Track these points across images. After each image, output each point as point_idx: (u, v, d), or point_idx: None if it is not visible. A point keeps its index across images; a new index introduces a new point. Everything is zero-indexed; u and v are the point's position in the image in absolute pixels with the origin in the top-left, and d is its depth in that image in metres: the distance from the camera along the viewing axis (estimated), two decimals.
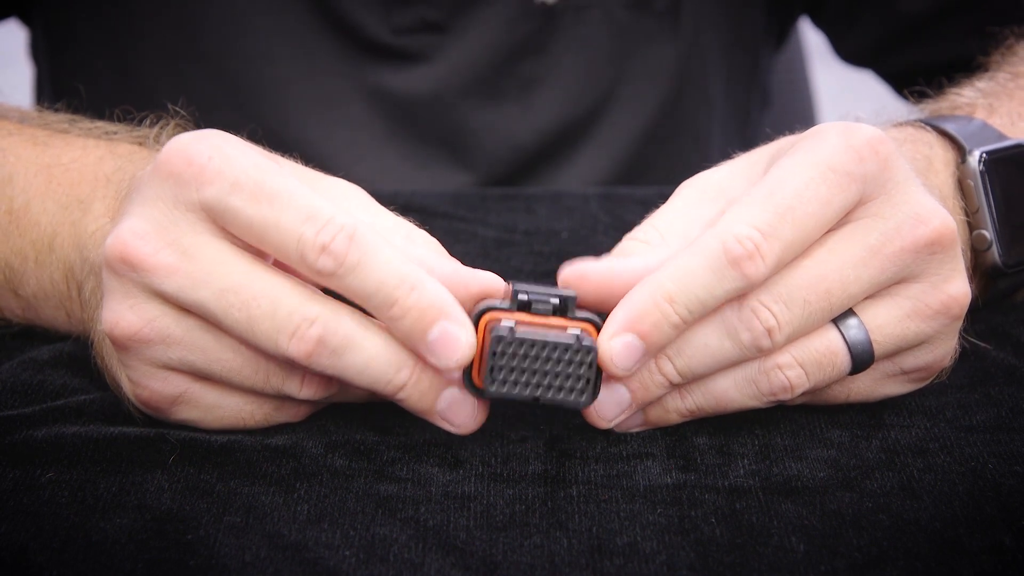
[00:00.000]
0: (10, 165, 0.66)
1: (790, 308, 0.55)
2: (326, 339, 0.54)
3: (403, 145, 0.95)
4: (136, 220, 0.55)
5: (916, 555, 0.52)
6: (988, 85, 0.75)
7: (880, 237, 0.56)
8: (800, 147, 0.57)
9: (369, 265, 0.53)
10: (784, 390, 0.57)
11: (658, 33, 0.95)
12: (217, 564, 0.52)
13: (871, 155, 0.56)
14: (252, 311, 0.54)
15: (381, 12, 0.91)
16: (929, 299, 0.57)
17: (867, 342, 0.57)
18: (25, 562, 0.52)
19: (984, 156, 0.66)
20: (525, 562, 0.52)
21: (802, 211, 0.55)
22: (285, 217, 0.53)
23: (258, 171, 0.54)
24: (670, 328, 0.55)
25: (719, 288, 0.54)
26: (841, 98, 0.74)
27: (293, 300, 0.54)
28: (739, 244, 0.54)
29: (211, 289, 0.54)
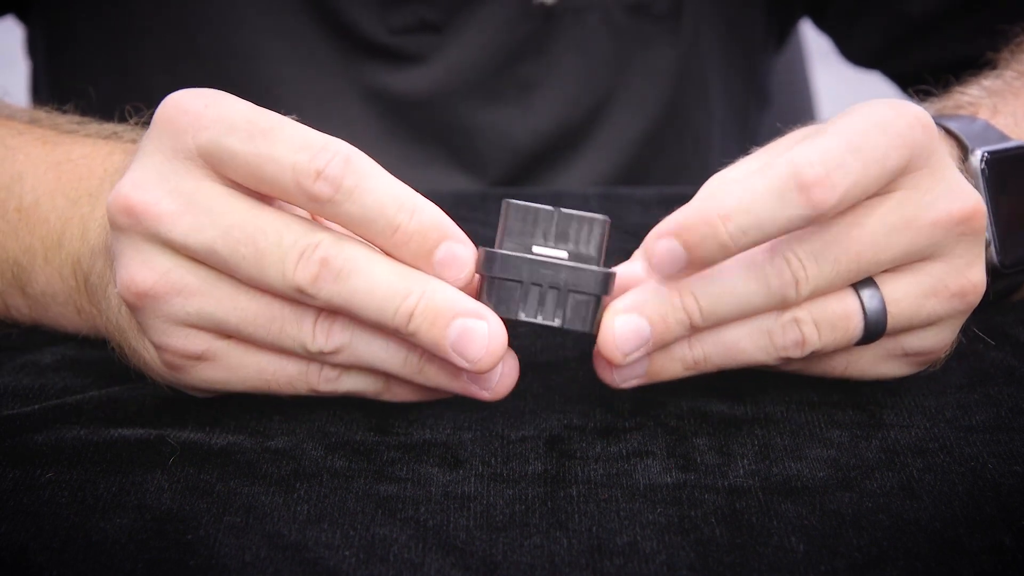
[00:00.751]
0: (20, 163, 0.66)
1: (819, 264, 0.55)
2: (330, 261, 0.54)
3: (400, 145, 0.95)
4: (135, 172, 0.55)
5: (916, 555, 0.52)
6: (994, 83, 0.75)
7: (916, 209, 0.56)
8: (849, 112, 0.56)
9: (367, 189, 0.53)
10: (796, 345, 0.57)
11: (658, 36, 0.95)
12: (217, 564, 0.52)
13: (920, 127, 0.56)
14: (259, 244, 0.54)
15: (378, 12, 0.91)
16: (949, 280, 0.58)
17: (883, 312, 0.57)
18: (25, 562, 0.52)
19: (986, 156, 0.66)
20: (525, 562, 0.52)
21: (869, 153, 0.54)
22: (279, 149, 0.53)
23: (252, 112, 0.54)
24: (717, 246, 0.53)
25: (782, 212, 0.53)
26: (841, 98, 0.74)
27: (297, 229, 0.54)
28: (811, 167, 0.53)
29: (217, 229, 0.54)
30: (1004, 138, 0.68)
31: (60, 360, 0.65)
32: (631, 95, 0.96)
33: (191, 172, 0.55)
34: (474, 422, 0.61)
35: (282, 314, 0.56)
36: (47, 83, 1.01)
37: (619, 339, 0.56)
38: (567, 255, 0.56)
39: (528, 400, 0.62)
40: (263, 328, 0.56)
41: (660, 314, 0.56)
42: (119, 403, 0.61)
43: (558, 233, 0.56)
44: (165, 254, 0.55)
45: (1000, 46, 0.80)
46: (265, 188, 0.55)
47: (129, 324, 0.59)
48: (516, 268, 0.55)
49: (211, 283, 0.55)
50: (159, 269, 0.55)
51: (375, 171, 0.54)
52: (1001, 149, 0.66)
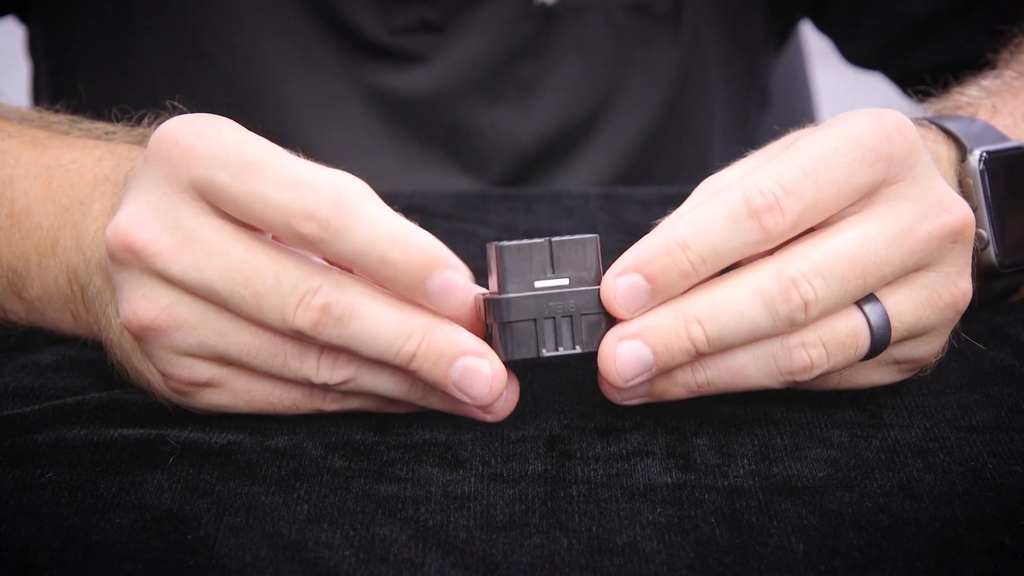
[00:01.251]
0: (10, 168, 0.66)
1: (828, 284, 0.55)
2: (330, 307, 0.53)
3: (401, 145, 0.95)
4: (133, 207, 0.55)
5: (916, 555, 0.52)
6: (993, 83, 0.75)
7: (910, 220, 0.56)
8: (829, 124, 0.57)
9: (356, 227, 0.53)
10: (804, 370, 0.57)
11: (658, 36, 0.95)
12: (217, 564, 0.52)
13: (899, 137, 0.56)
14: (257, 287, 0.54)
15: (379, 12, 0.91)
16: (942, 290, 0.58)
17: (887, 328, 0.57)
18: (25, 562, 0.52)
19: (984, 156, 0.66)
20: (525, 562, 0.52)
21: (826, 175, 0.55)
22: (267, 187, 0.53)
23: (242, 145, 0.54)
24: (679, 275, 0.54)
25: (735, 238, 0.54)
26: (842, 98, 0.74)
27: (296, 273, 0.54)
28: (760, 195, 0.54)
29: (215, 269, 0.54)
30: (1003, 138, 0.68)
31: (60, 360, 0.65)
32: (631, 95, 0.96)
33: (188, 206, 0.54)
34: (474, 422, 0.61)
35: (285, 349, 0.56)
36: (48, 84, 1.01)
37: (620, 365, 0.56)
38: (568, 281, 0.56)
39: (528, 400, 0.62)
40: (266, 361, 0.56)
41: (664, 342, 0.55)
42: (119, 403, 0.61)
43: (554, 262, 0.56)
44: (164, 288, 0.55)
45: (999, 47, 0.80)
46: (258, 225, 0.54)
47: (133, 348, 0.59)
48: (526, 308, 0.56)
49: (212, 318, 0.55)
50: (160, 304, 0.55)
51: (366, 207, 0.53)
52: (1000, 149, 0.66)
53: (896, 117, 0.56)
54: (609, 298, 0.55)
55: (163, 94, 0.95)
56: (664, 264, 0.54)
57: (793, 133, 0.61)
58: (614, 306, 0.55)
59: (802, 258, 0.55)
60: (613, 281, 0.55)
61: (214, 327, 0.55)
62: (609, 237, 0.78)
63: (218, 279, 0.54)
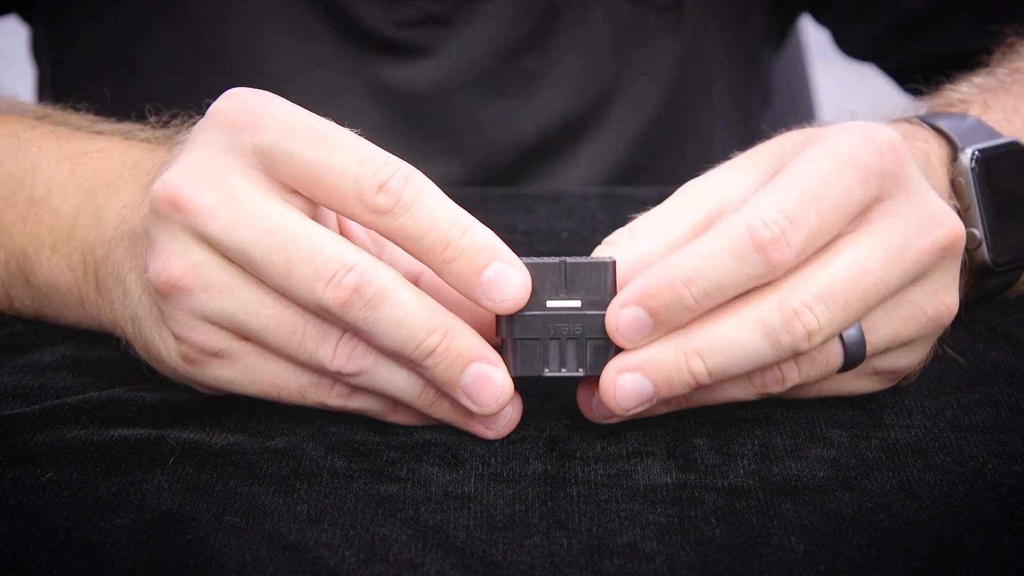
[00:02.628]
0: (33, 156, 0.66)
1: (831, 310, 0.54)
2: (362, 288, 0.54)
3: (405, 138, 0.95)
4: (184, 164, 0.55)
5: (916, 555, 0.52)
6: (985, 80, 0.75)
7: (903, 237, 0.56)
8: (822, 140, 0.56)
9: (424, 203, 0.54)
10: (776, 383, 0.57)
11: (660, 29, 0.95)
12: (217, 564, 0.52)
13: (890, 153, 0.56)
14: (291, 253, 0.54)
15: (383, 6, 0.91)
16: (926, 305, 0.57)
17: (861, 343, 0.57)
18: (25, 562, 0.52)
19: (976, 154, 0.66)
20: (525, 562, 0.52)
21: (827, 199, 0.54)
22: (342, 158, 0.54)
23: (312, 118, 0.55)
24: (683, 310, 0.54)
25: (741, 273, 0.54)
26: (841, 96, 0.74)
27: (333, 246, 0.54)
28: (765, 227, 0.53)
29: (252, 230, 0.54)
30: (995, 135, 0.67)
31: (60, 360, 0.65)
32: (634, 88, 0.96)
33: (241, 169, 0.55)
34: None
35: (305, 327, 0.56)
36: (52, 84, 1.01)
37: (620, 396, 0.56)
38: (580, 303, 0.56)
39: (528, 400, 0.62)
40: (283, 339, 0.56)
41: (664, 376, 0.55)
42: (119, 403, 0.61)
43: (568, 283, 0.56)
44: (199, 247, 0.55)
45: (992, 48, 0.80)
46: (321, 194, 0.55)
47: (148, 312, 0.58)
48: (533, 326, 0.56)
49: (239, 284, 0.55)
50: (191, 261, 0.55)
51: (433, 188, 0.55)
52: (991, 147, 0.66)
53: (886, 133, 0.56)
54: (612, 329, 0.55)
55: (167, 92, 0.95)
56: (667, 300, 0.54)
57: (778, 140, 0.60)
58: (616, 337, 0.55)
59: (803, 287, 0.54)
60: (616, 312, 0.55)
61: (239, 295, 0.55)
62: None
63: (253, 241, 0.54)
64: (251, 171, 0.55)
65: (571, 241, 0.79)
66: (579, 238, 0.79)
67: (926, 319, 0.58)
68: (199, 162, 0.55)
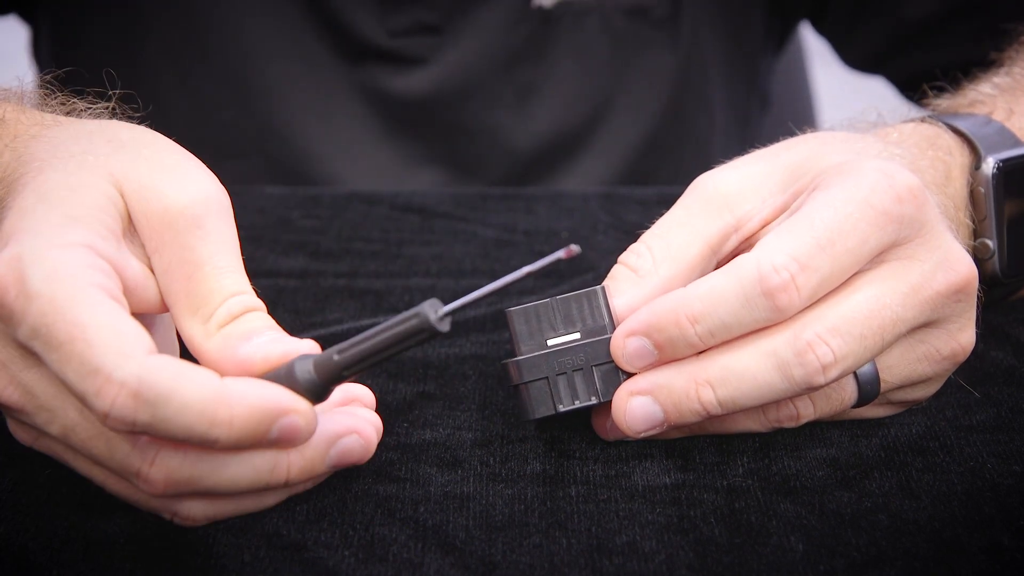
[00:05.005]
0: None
1: (847, 342, 0.54)
2: (174, 478, 0.50)
3: (399, 147, 0.95)
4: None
5: (915, 555, 0.52)
6: (1005, 81, 0.74)
7: (918, 279, 0.55)
8: (840, 182, 0.56)
9: (165, 420, 0.49)
10: (790, 419, 0.57)
11: (657, 40, 0.95)
12: (216, 564, 0.52)
13: (910, 198, 0.55)
14: (93, 451, 0.51)
15: (377, 14, 0.91)
16: (942, 346, 0.57)
17: (876, 381, 0.57)
18: (25, 562, 0.52)
19: (999, 164, 0.65)
20: (524, 562, 0.52)
21: (842, 245, 0.54)
22: (70, 372, 0.49)
23: (52, 313, 0.50)
24: (686, 347, 0.54)
25: (747, 316, 0.53)
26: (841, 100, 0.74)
27: (125, 445, 0.51)
28: (776, 273, 0.53)
29: (56, 426, 0.52)
30: (1018, 143, 0.67)
31: None
32: (631, 99, 0.96)
33: (24, 361, 0.52)
34: (475, 422, 0.61)
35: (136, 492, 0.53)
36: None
37: (630, 419, 0.55)
38: (579, 335, 0.56)
39: None
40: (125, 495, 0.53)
41: (674, 402, 0.55)
42: None
43: (564, 318, 0.57)
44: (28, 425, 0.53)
45: (1004, 46, 0.80)
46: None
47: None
48: (539, 367, 0.56)
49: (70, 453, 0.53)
50: (31, 435, 0.54)
51: (172, 393, 0.48)
52: (1014, 157, 0.65)
53: (906, 179, 0.55)
54: (618, 356, 0.55)
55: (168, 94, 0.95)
56: (672, 335, 0.54)
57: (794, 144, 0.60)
58: (621, 362, 0.55)
59: (817, 321, 0.54)
60: (622, 341, 0.55)
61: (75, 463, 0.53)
62: (609, 237, 0.78)
63: (60, 437, 0.52)
64: (30, 359, 0.51)
65: (571, 241, 0.78)
66: (579, 238, 0.79)
67: (941, 358, 0.57)
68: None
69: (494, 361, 0.65)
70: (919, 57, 0.93)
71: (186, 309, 0.53)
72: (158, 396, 0.48)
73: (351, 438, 0.53)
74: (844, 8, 0.96)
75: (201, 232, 0.54)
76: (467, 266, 0.76)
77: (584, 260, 0.75)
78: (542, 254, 0.77)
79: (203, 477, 0.51)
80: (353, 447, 0.53)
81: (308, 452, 0.52)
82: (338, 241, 0.79)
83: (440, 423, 0.60)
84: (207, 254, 0.54)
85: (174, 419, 0.48)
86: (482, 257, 0.77)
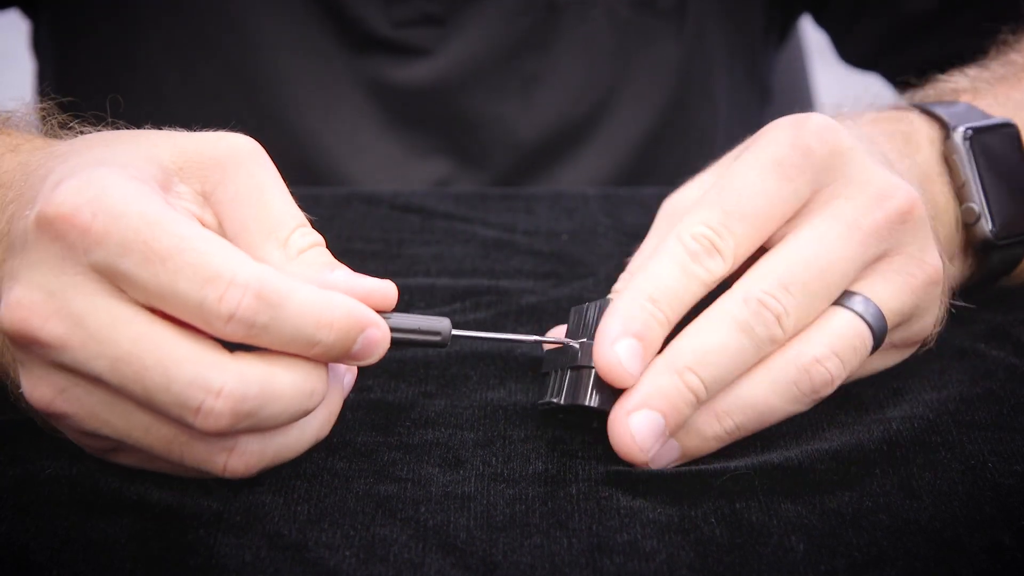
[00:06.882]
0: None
1: (792, 294, 0.56)
2: (239, 408, 0.50)
3: (404, 138, 0.95)
4: (23, 289, 0.51)
5: (915, 555, 0.52)
6: (977, 72, 0.76)
7: (852, 215, 0.58)
8: (750, 147, 0.59)
9: (282, 319, 0.51)
10: (826, 384, 0.57)
11: (662, 31, 0.95)
12: (217, 564, 0.52)
13: (819, 144, 0.58)
14: (146, 383, 0.50)
15: (381, 6, 0.91)
16: (915, 270, 0.59)
17: (883, 318, 0.58)
18: (25, 562, 0.52)
19: (968, 132, 0.67)
20: (525, 562, 0.52)
21: (750, 206, 0.57)
22: (182, 283, 0.50)
23: (147, 227, 0.50)
24: (658, 325, 0.56)
25: (691, 284, 0.56)
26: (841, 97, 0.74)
27: (188, 370, 0.50)
28: (694, 240, 0.57)
29: (104, 360, 0.50)
30: (986, 116, 0.68)
31: None
32: (635, 90, 0.97)
33: (82, 288, 0.51)
34: (477, 422, 0.61)
35: (181, 441, 0.53)
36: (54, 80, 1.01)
37: (639, 439, 0.56)
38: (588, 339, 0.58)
39: (531, 399, 0.62)
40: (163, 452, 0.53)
41: (669, 401, 0.56)
42: None
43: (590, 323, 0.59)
44: (61, 374, 0.52)
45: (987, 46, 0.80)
46: (170, 311, 0.51)
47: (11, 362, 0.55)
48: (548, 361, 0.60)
49: (106, 407, 0.52)
50: (56, 386, 0.52)
51: (289, 294, 0.51)
52: (983, 125, 0.67)
53: (816, 122, 0.58)
54: (615, 364, 0.56)
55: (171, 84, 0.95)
56: (644, 319, 0.56)
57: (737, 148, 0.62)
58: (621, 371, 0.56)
59: (761, 278, 0.57)
60: (611, 350, 0.56)
61: (109, 416, 0.52)
62: (609, 239, 0.78)
63: (107, 371, 0.50)
64: (94, 286, 0.51)
65: (571, 242, 0.79)
66: (579, 239, 0.79)
67: (918, 284, 0.59)
68: (37, 285, 0.51)
69: (495, 361, 0.65)
70: (916, 51, 0.94)
71: (259, 233, 0.55)
72: (279, 297, 0.50)
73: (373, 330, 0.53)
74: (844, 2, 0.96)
75: (262, 163, 0.56)
76: (467, 266, 0.76)
77: (584, 264, 0.75)
78: (541, 254, 0.77)
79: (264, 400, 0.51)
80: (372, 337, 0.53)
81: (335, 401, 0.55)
82: (338, 241, 0.79)
83: (442, 423, 0.60)
84: (271, 181, 0.55)
85: (290, 319, 0.51)
86: (482, 257, 0.77)
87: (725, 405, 0.57)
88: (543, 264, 0.76)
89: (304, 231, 0.55)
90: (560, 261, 0.76)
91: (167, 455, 0.53)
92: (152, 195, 0.51)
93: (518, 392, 0.63)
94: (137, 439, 0.53)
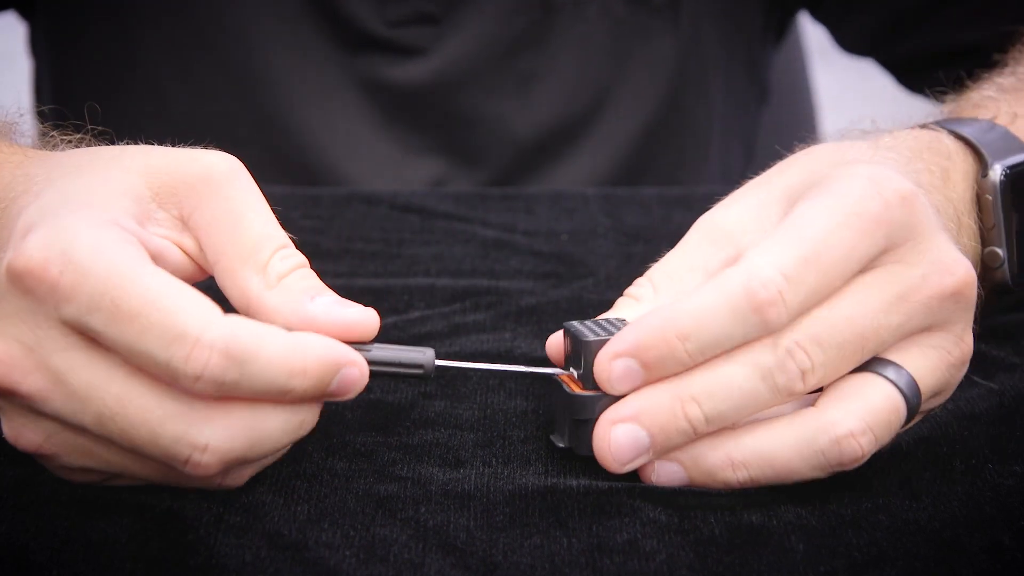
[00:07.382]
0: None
1: (825, 351, 0.53)
2: (227, 458, 0.51)
3: (400, 137, 0.95)
4: (1, 341, 0.51)
5: (915, 555, 0.52)
6: (1009, 81, 0.73)
7: (908, 284, 0.55)
8: (827, 190, 0.55)
9: (252, 375, 0.50)
10: (855, 460, 0.54)
11: (657, 28, 0.95)
12: (217, 564, 0.52)
13: (899, 203, 0.54)
14: (133, 439, 0.50)
15: (376, 5, 0.92)
16: (952, 348, 0.56)
17: (918, 393, 0.56)
18: (25, 562, 0.52)
19: (1006, 171, 0.64)
20: (525, 562, 0.52)
21: (828, 257, 0.53)
22: (149, 341, 0.49)
23: (114, 284, 0.49)
24: (676, 364, 0.53)
25: (737, 331, 0.53)
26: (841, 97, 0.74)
27: (172, 429, 0.50)
28: (763, 288, 0.52)
29: (89, 415, 0.50)
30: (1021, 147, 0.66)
31: None
32: (631, 88, 0.97)
33: (59, 343, 0.50)
34: (477, 422, 0.61)
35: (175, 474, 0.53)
36: (50, 80, 1.01)
37: (614, 450, 0.54)
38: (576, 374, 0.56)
39: (531, 400, 0.62)
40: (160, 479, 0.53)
41: (660, 424, 0.54)
42: None
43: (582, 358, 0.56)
44: (45, 421, 0.52)
45: (1007, 46, 0.79)
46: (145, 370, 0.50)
47: None
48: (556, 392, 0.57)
49: (97, 448, 0.52)
50: (42, 432, 0.52)
51: (259, 348, 0.50)
52: (1021, 163, 0.65)
53: (895, 184, 0.55)
54: (604, 380, 0.54)
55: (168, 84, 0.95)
56: (661, 353, 0.53)
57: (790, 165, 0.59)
58: (607, 386, 0.54)
59: (799, 329, 0.53)
60: (608, 364, 0.54)
61: (100, 456, 0.52)
62: (608, 239, 0.78)
63: (93, 425, 0.50)
64: (69, 339, 0.50)
65: (571, 242, 0.79)
66: (579, 239, 0.79)
67: (953, 362, 0.57)
68: (15, 338, 0.50)
69: (495, 361, 0.65)
70: (913, 40, 0.94)
71: (237, 259, 0.54)
72: (246, 353, 0.49)
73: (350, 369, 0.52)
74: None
75: (239, 183, 0.54)
76: (467, 266, 0.76)
77: (584, 264, 0.75)
78: (541, 255, 0.77)
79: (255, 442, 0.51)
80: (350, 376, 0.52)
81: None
82: (338, 241, 0.79)
83: (442, 423, 0.60)
84: (249, 202, 0.54)
85: (260, 374, 0.50)
86: (482, 257, 0.77)
87: (743, 455, 0.54)
88: (543, 264, 0.76)
89: (284, 253, 0.54)
90: (560, 261, 0.76)
91: (163, 482, 0.54)
92: (122, 244, 0.51)
93: (518, 393, 0.63)
94: (133, 472, 0.53)
